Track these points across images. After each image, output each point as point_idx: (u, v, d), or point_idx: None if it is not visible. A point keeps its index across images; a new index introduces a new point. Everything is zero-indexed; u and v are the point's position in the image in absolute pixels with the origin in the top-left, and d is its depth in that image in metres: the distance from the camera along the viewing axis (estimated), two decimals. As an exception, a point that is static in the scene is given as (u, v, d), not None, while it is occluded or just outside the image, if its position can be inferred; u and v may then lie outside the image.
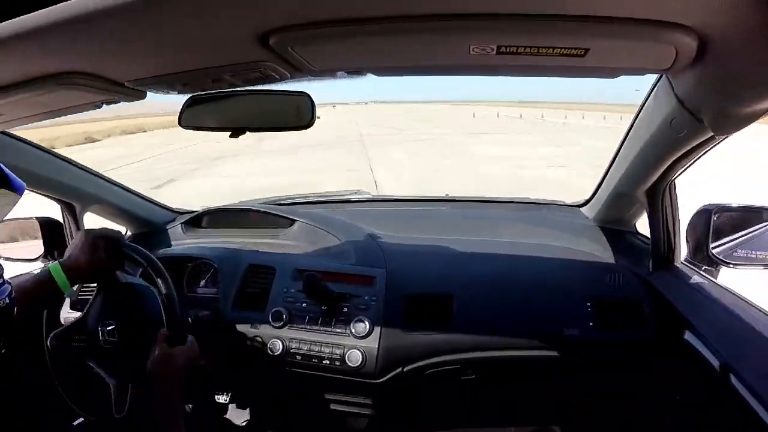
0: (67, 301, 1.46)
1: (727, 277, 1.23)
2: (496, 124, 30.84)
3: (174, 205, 1.92)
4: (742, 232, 1.26)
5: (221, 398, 1.56)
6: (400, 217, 1.77)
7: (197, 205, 1.92)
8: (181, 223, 1.78)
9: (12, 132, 1.27)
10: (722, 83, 0.72)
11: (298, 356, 1.33)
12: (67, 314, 1.41)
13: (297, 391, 1.48)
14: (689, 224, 1.27)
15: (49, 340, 1.15)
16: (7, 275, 1.45)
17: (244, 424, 1.58)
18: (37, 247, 1.56)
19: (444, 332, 1.31)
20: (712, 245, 1.22)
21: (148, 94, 0.79)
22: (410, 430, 1.55)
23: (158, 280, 1.12)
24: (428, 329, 1.32)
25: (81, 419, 1.31)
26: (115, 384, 1.14)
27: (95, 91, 0.71)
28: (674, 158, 1.10)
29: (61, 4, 0.46)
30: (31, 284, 1.05)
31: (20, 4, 0.47)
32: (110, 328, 1.14)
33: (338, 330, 1.32)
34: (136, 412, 1.13)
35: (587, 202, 1.67)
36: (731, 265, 1.22)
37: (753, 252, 1.25)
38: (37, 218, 1.58)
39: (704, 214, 1.23)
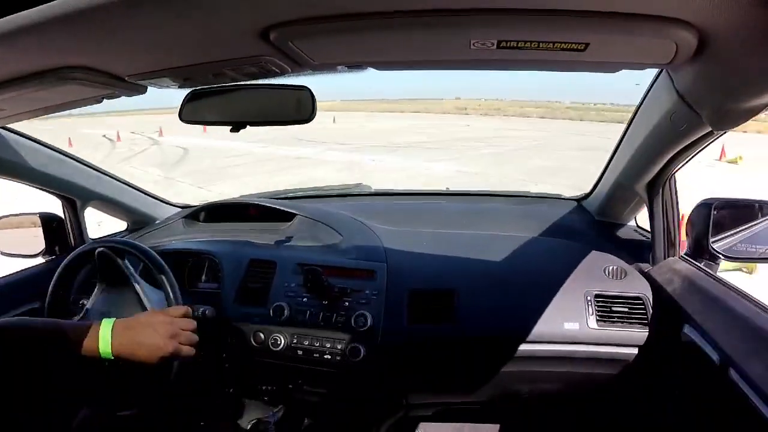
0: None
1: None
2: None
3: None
4: (743, 227, 1.26)
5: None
6: (401, 210, 1.77)
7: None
8: (182, 217, 1.78)
9: (12, 127, 1.28)
10: (721, 79, 0.72)
11: (299, 351, 1.33)
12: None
13: (299, 385, 1.49)
14: (689, 218, 1.27)
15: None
16: (7, 271, 1.47)
17: (245, 416, 1.59)
18: (38, 242, 1.57)
19: (446, 326, 1.31)
20: (712, 239, 1.22)
21: (149, 88, 0.80)
22: (411, 424, 1.56)
23: None
24: (430, 324, 1.32)
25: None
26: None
27: (96, 85, 0.71)
28: (674, 152, 1.10)
29: None
30: (71, 331, 0.92)
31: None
32: None
33: (339, 325, 1.32)
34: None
35: (587, 195, 1.67)
36: (731, 260, 1.23)
37: (753, 246, 1.25)
38: (37, 214, 1.59)
39: (704, 208, 1.23)
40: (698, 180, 6.69)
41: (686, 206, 1.26)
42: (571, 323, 1.28)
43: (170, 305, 1.19)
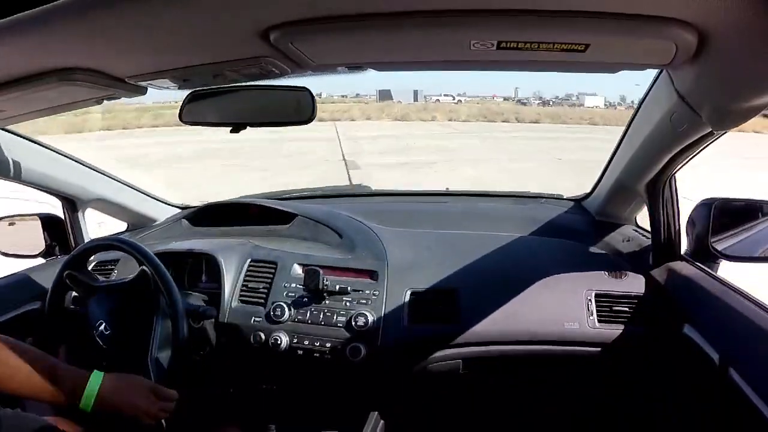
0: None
1: (728, 271, 1.23)
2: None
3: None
4: (743, 226, 1.25)
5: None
6: (401, 211, 1.77)
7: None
8: (182, 217, 1.78)
9: (12, 128, 1.28)
10: (721, 79, 0.72)
11: (299, 351, 1.33)
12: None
13: (298, 385, 1.49)
14: (689, 218, 1.27)
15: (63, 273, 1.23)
16: (7, 271, 1.47)
17: (245, 417, 1.59)
18: (38, 243, 1.57)
19: (447, 327, 1.31)
20: (712, 239, 1.21)
21: (149, 89, 0.80)
22: (412, 424, 1.56)
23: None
24: (431, 323, 1.32)
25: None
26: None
27: (96, 87, 0.71)
28: (674, 152, 1.10)
29: (62, 0, 0.46)
30: (61, 375, 0.93)
31: (21, 0, 0.47)
32: (107, 333, 1.16)
33: (340, 324, 1.32)
34: None
35: (588, 195, 1.67)
36: (731, 260, 1.22)
37: (754, 246, 1.25)
38: (38, 214, 1.59)
39: (704, 208, 1.23)
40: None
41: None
42: (572, 323, 1.28)
43: (176, 346, 1.20)
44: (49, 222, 1.59)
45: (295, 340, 1.33)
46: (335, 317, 1.33)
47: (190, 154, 12.06)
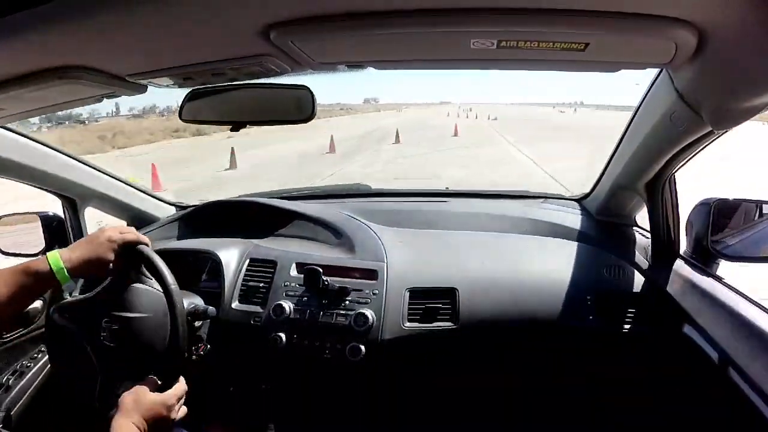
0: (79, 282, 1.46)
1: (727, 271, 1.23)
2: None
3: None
4: (742, 226, 1.26)
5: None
6: (401, 210, 1.77)
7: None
8: (182, 216, 1.78)
9: (12, 127, 1.28)
10: (721, 78, 0.73)
11: (299, 350, 1.33)
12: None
13: (299, 384, 1.49)
14: (689, 218, 1.27)
15: (51, 311, 1.15)
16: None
17: (245, 417, 1.59)
18: (38, 242, 1.57)
19: (447, 326, 1.31)
20: (711, 239, 1.21)
21: (149, 87, 0.80)
22: (412, 422, 1.56)
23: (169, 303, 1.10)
24: (431, 323, 1.32)
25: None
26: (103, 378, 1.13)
27: (96, 85, 0.71)
28: (674, 152, 1.10)
29: None
30: (22, 270, 0.96)
31: None
32: (114, 327, 1.14)
33: (339, 324, 1.32)
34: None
35: (588, 195, 1.67)
36: (730, 259, 1.22)
37: (753, 246, 1.25)
38: (38, 213, 1.59)
39: (704, 208, 1.23)
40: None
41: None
42: (572, 322, 1.28)
43: (172, 307, 1.17)
44: (49, 221, 1.59)
45: (295, 340, 1.33)
46: (335, 317, 1.33)
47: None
